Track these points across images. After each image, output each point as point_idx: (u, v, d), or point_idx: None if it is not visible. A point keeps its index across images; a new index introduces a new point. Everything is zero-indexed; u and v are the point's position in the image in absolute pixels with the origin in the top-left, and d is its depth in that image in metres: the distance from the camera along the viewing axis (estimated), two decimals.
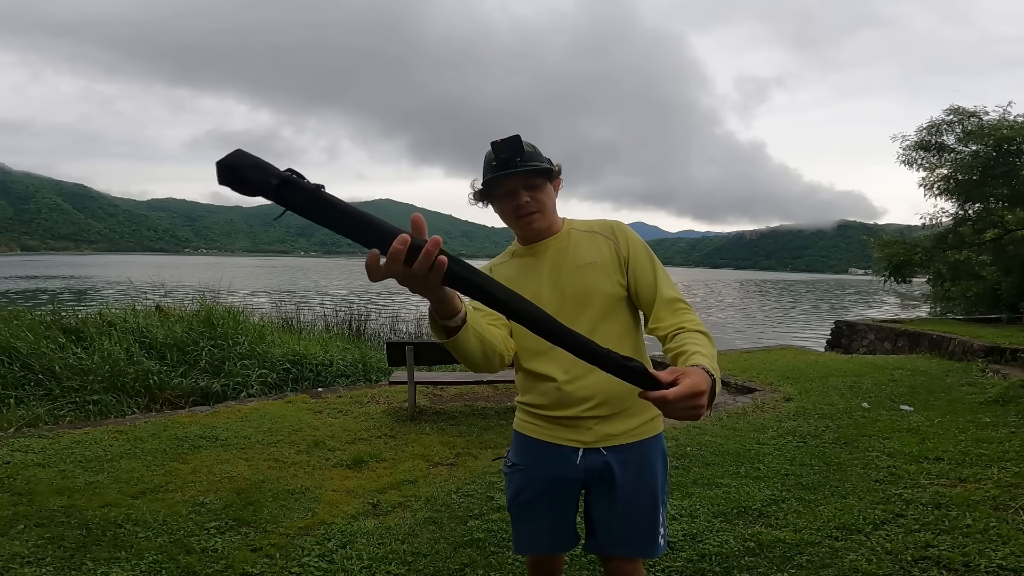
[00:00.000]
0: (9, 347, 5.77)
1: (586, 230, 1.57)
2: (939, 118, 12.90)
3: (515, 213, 1.49)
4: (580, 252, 1.53)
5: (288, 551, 2.65)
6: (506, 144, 1.42)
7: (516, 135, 1.43)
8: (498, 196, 1.50)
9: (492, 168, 1.45)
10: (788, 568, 2.48)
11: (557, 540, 1.60)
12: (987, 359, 7.28)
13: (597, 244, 1.54)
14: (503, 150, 1.42)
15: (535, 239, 1.55)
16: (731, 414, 4.87)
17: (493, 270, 1.57)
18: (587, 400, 1.47)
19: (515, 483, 1.60)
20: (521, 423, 1.60)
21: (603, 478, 1.50)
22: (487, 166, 1.48)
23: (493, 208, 1.55)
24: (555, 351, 1.43)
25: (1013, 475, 3.40)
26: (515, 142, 1.42)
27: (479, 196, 1.54)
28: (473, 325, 1.22)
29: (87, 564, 2.51)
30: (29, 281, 37.64)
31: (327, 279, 48.71)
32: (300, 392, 5.75)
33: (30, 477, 3.40)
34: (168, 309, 7.82)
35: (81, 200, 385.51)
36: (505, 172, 1.43)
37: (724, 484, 3.37)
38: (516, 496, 1.60)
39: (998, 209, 13.13)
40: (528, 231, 1.52)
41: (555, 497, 1.55)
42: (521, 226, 1.51)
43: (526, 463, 1.57)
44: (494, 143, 1.44)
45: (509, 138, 1.43)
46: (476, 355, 1.27)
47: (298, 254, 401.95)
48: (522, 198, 1.47)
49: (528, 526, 1.60)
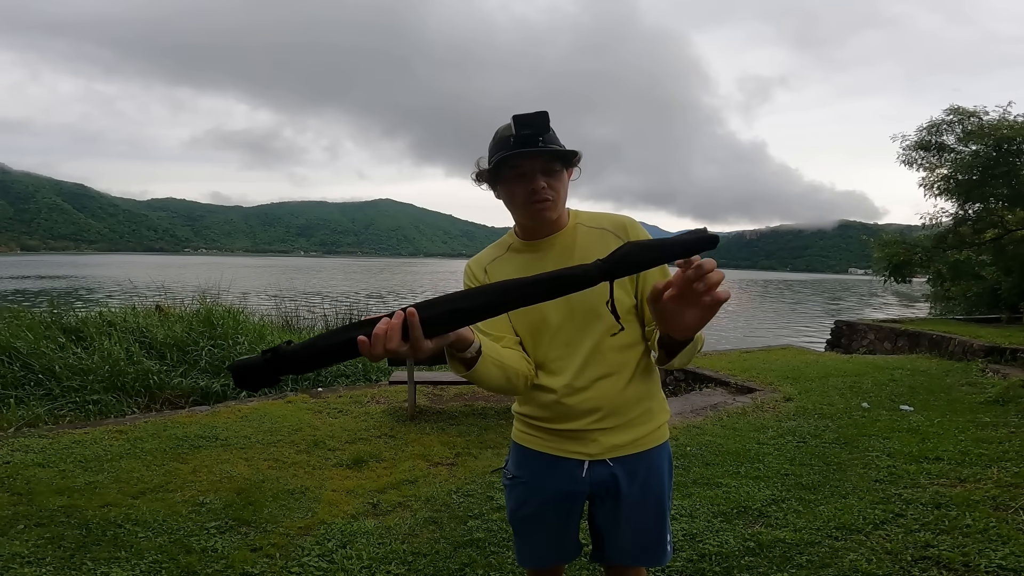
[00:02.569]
0: (9, 347, 5.78)
1: (595, 226, 1.41)
2: (939, 118, 12.92)
3: (527, 198, 1.32)
4: (589, 253, 1.34)
5: (288, 551, 2.65)
6: (531, 120, 1.25)
7: (544, 111, 1.25)
8: (510, 178, 1.33)
9: (509, 145, 1.28)
10: (788, 568, 2.48)
11: (561, 553, 1.56)
12: (987, 359, 7.27)
13: (608, 244, 1.35)
14: (526, 126, 1.25)
15: (541, 233, 1.41)
16: (731, 414, 4.87)
17: (488, 268, 1.45)
18: (592, 413, 1.38)
19: (516, 496, 1.52)
20: (521, 435, 1.51)
21: (609, 490, 1.43)
22: (501, 142, 1.31)
23: (498, 192, 1.39)
24: (557, 362, 1.39)
25: (1013, 475, 3.39)
26: (542, 119, 1.25)
27: (486, 176, 1.38)
28: (490, 353, 1.21)
29: (87, 564, 2.51)
30: (29, 281, 37.62)
31: (327, 279, 48.72)
32: (300, 392, 5.74)
33: (30, 477, 3.40)
34: (168, 309, 7.82)
35: (81, 200, 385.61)
36: (526, 151, 1.27)
37: (724, 484, 3.36)
38: (518, 509, 1.52)
39: (998, 209, 13.12)
40: (538, 220, 1.37)
41: (559, 510, 1.48)
42: (532, 214, 1.35)
43: (528, 476, 1.49)
44: (517, 117, 1.25)
45: (535, 113, 1.25)
46: (499, 381, 1.28)
47: (298, 254, 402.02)
48: (539, 182, 1.31)
49: (531, 540, 1.54)
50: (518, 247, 1.45)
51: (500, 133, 1.33)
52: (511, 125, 1.28)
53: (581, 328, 1.37)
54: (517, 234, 1.46)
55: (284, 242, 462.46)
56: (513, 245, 1.46)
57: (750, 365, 7.04)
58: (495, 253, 1.48)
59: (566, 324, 1.37)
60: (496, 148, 1.33)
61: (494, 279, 1.42)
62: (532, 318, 1.38)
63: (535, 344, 1.41)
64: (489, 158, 1.36)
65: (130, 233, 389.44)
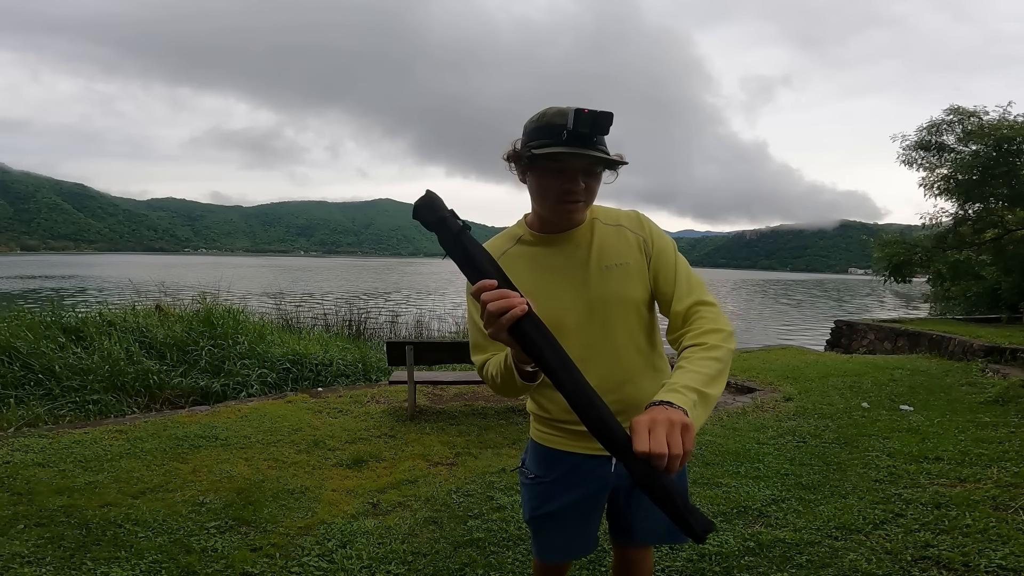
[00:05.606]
0: (9, 347, 5.77)
1: (612, 223, 1.38)
2: (939, 118, 12.92)
3: (560, 196, 1.27)
4: (607, 250, 1.35)
5: (288, 551, 2.65)
6: (595, 119, 1.18)
7: (610, 112, 1.19)
8: (549, 170, 1.25)
9: (559, 137, 1.20)
10: (788, 568, 2.48)
11: (583, 547, 1.57)
12: (987, 359, 7.28)
13: (626, 240, 1.36)
14: (587, 124, 1.18)
15: (559, 228, 1.36)
16: (731, 414, 4.88)
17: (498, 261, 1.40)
18: (619, 414, 1.36)
19: (538, 495, 1.51)
20: (541, 434, 1.49)
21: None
22: (551, 129, 1.21)
23: (527, 178, 1.31)
24: (582, 363, 1.36)
25: (1013, 475, 3.40)
26: (608, 120, 1.19)
27: (522, 161, 1.29)
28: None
29: (87, 564, 2.51)
30: (28, 281, 37.62)
31: (327, 279, 48.70)
32: (300, 392, 5.74)
33: (30, 477, 3.40)
34: (168, 309, 7.82)
35: (81, 200, 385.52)
36: (580, 151, 1.20)
37: (724, 484, 3.37)
38: (539, 507, 1.51)
39: (998, 209, 13.13)
40: (565, 220, 1.33)
41: (585, 508, 1.49)
42: (561, 212, 1.30)
43: (553, 476, 1.47)
44: (579, 112, 1.17)
45: (603, 113, 1.18)
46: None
47: (298, 254, 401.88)
48: (578, 183, 1.25)
49: (553, 536, 1.54)
50: (529, 239, 1.39)
51: (548, 118, 1.23)
52: (566, 114, 1.20)
53: (600, 330, 1.35)
54: (531, 224, 1.40)
55: (284, 242, 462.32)
56: (524, 237, 1.41)
57: (750, 365, 7.05)
58: (503, 246, 1.42)
59: (584, 325, 1.36)
60: (541, 134, 1.23)
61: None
62: (551, 318, 1.35)
63: None
64: (529, 140, 1.26)
65: (130, 233, 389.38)
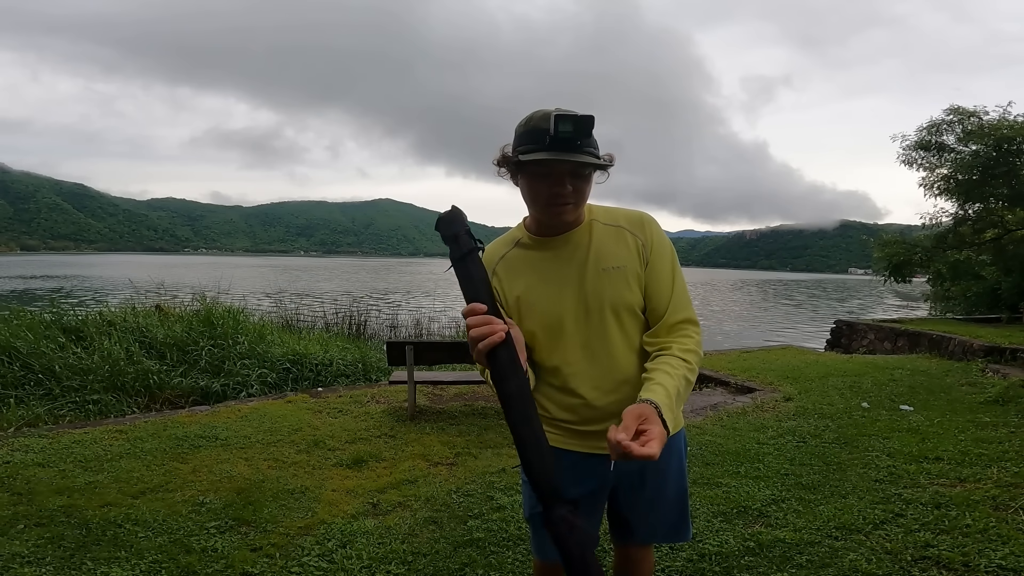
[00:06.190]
0: (9, 347, 5.77)
1: (611, 223, 1.38)
2: (939, 118, 12.92)
3: (550, 200, 1.28)
4: (604, 252, 1.35)
5: (288, 551, 2.65)
6: (576, 121, 1.19)
7: (591, 116, 1.20)
8: (537, 175, 1.26)
9: (545, 143, 1.21)
10: (788, 568, 2.48)
11: None
12: (987, 359, 7.28)
13: (624, 242, 1.36)
14: (569, 126, 1.18)
15: (555, 231, 1.36)
16: (731, 414, 4.87)
17: (498, 270, 1.41)
18: (617, 415, 1.37)
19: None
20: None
21: (634, 479, 1.48)
22: (536, 134, 1.22)
23: (518, 181, 1.32)
24: (576, 365, 1.38)
25: (1013, 475, 3.40)
26: (588, 123, 1.20)
27: (509, 165, 1.30)
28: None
29: (87, 564, 2.51)
30: (27, 281, 37.61)
31: (327, 279, 48.68)
32: (300, 392, 5.75)
33: (30, 477, 3.40)
34: (168, 309, 7.82)
35: (81, 200, 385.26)
36: (562, 155, 1.20)
37: (724, 484, 3.37)
38: (538, 505, 1.55)
39: (998, 209, 13.13)
40: (556, 222, 1.33)
41: (585, 505, 1.47)
42: (551, 215, 1.31)
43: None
44: (560, 115, 1.18)
45: (584, 116, 1.19)
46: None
47: (298, 254, 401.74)
48: (566, 186, 1.25)
49: None
50: (527, 242, 1.40)
51: (535, 123, 1.24)
52: (549, 118, 1.20)
53: (598, 331, 1.36)
54: (529, 227, 1.41)
55: (284, 242, 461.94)
56: (522, 240, 1.41)
57: (750, 365, 7.05)
58: (502, 250, 1.43)
59: (582, 327, 1.36)
60: (527, 139, 1.24)
61: (505, 282, 1.40)
62: (549, 321, 1.37)
63: (552, 346, 1.39)
64: (516, 145, 1.27)
65: (130, 233, 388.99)
